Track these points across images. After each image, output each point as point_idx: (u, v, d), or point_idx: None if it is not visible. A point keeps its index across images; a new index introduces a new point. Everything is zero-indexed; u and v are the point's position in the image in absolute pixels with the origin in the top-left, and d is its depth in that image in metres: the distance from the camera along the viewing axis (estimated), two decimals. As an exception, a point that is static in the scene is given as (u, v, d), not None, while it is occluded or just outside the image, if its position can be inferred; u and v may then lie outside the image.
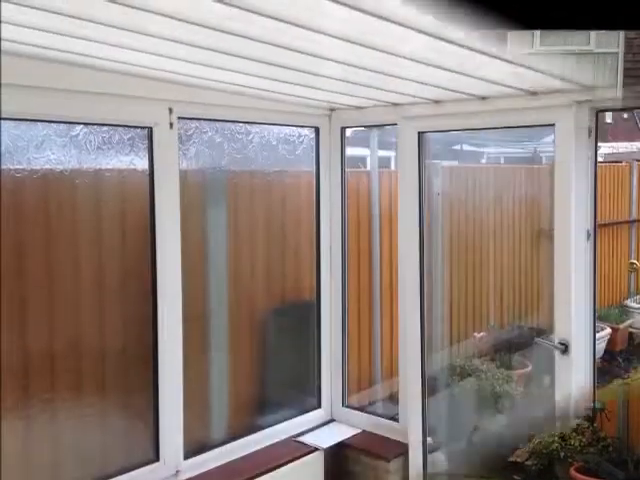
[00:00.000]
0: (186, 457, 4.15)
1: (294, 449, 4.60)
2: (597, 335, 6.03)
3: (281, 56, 2.91)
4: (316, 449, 4.61)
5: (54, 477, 3.73)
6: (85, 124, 3.65)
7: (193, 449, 4.21)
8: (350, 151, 5.06)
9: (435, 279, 5.68)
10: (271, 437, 4.64)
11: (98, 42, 2.80)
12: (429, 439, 4.51)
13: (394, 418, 4.79)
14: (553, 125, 3.65)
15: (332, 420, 5.05)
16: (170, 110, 3.91)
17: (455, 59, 2.89)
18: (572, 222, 3.60)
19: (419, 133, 4.29)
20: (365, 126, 5.36)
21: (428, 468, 4.50)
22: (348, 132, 5.00)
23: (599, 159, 4.29)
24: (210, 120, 4.25)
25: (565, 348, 3.66)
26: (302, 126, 4.81)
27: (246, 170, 4.59)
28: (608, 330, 9.27)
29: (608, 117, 23.55)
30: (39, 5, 2.22)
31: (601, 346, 8.98)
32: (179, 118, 3.99)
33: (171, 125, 3.93)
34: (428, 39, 2.42)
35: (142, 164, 3.91)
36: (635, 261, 10.90)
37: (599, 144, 3.71)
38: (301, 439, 4.72)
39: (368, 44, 2.61)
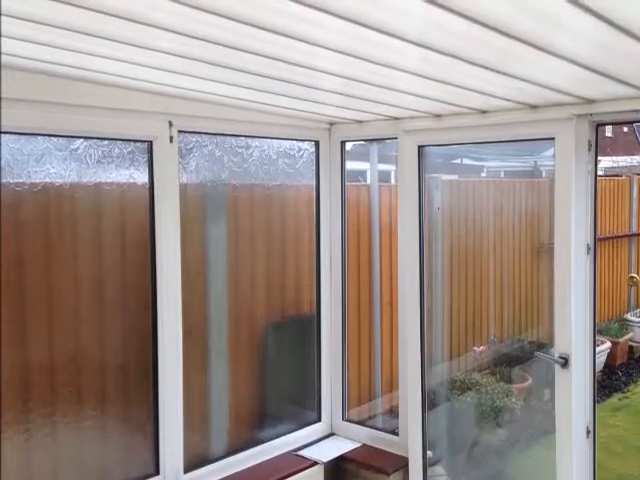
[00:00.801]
0: (186, 471, 4.14)
1: (294, 463, 4.58)
2: (597, 349, 6.03)
3: (281, 70, 2.92)
4: (316, 463, 4.59)
5: (53, 491, 3.72)
6: (85, 138, 3.66)
7: (193, 463, 4.20)
8: (350, 165, 5.06)
9: (435, 293, 5.68)
10: (271, 451, 4.63)
11: (98, 56, 2.80)
12: (429, 453, 4.49)
13: (394, 432, 4.77)
14: (553, 139, 3.65)
15: (332, 434, 5.04)
16: (170, 124, 3.92)
17: (455, 72, 2.90)
18: (572, 236, 3.59)
19: (419, 147, 4.30)
20: (365, 140, 5.36)
21: (428, 482, 4.48)
22: (348, 146, 5.00)
23: (599, 173, 4.29)
24: (210, 134, 4.26)
25: (565, 362, 3.64)
26: (302, 140, 4.82)
27: (246, 184, 4.59)
28: (608, 344, 9.28)
29: (608, 131, 23.65)
30: (40, 20, 2.22)
31: (601, 360, 8.99)
32: (179, 132, 4.00)
33: (171, 139, 3.94)
34: (427, 52, 2.42)
35: (142, 178, 3.92)
36: (635, 275, 10.91)
37: (599, 158, 3.70)
38: (301, 453, 4.70)
39: (367, 57, 2.61)
